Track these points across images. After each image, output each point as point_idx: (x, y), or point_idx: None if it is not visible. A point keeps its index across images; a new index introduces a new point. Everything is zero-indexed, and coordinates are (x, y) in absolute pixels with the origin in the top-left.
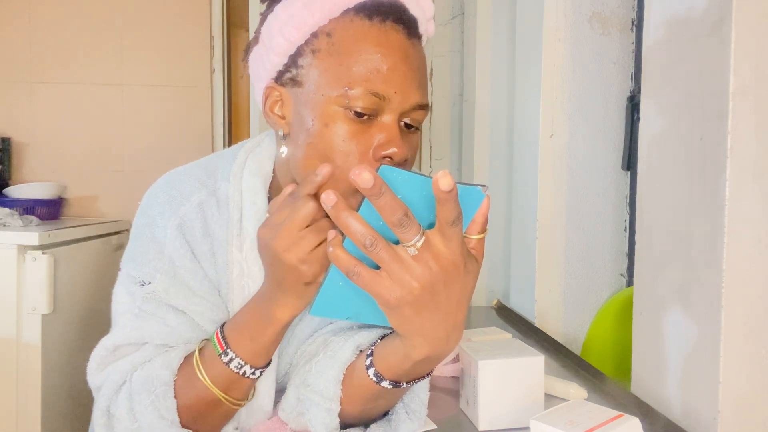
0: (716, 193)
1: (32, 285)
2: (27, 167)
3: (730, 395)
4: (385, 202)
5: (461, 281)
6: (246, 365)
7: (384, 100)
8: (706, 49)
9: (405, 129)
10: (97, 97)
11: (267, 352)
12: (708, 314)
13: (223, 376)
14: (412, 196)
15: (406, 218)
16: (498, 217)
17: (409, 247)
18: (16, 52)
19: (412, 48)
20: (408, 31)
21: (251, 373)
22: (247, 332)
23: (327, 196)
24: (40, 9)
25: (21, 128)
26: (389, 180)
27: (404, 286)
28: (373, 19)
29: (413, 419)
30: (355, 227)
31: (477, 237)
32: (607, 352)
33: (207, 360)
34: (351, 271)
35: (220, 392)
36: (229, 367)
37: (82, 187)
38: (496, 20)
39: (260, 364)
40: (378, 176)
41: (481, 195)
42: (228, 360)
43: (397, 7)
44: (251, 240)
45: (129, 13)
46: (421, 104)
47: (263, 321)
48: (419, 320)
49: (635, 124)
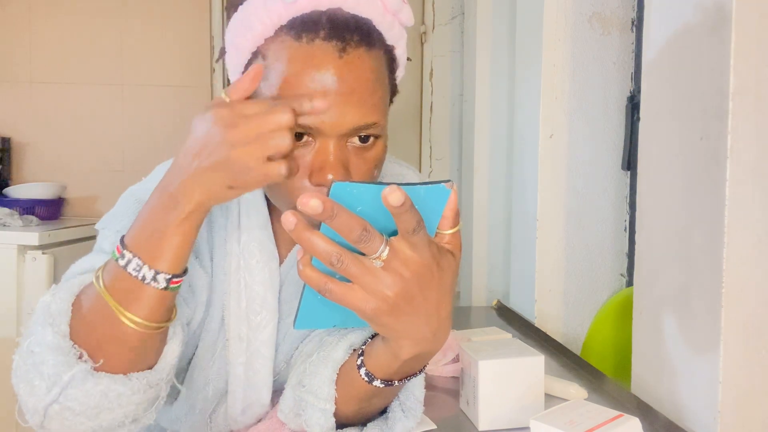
0: (716, 193)
1: (32, 285)
2: (27, 167)
3: (730, 395)
4: (340, 222)
5: (436, 280)
6: (144, 266)
7: (314, 128)
8: (706, 49)
9: (358, 144)
10: (97, 97)
11: (169, 251)
12: (708, 314)
13: (120, 284)
14: (371, 206)
15: (366, 233)
16: (498, 217)
17: (374, 259)
18: (16, 52)
19: (347, 66)
20: (343, 45)
21: (152, 279)
22: (148, 228)
23: (286, 218)
24: (40, 9)
25: (21, 128)
26: (344, 195)
27: (378, 297)
28: (302, 38)
29: (409, 417)
30: (320, 246)
31: (450, 232)
32: (607, 352)
33: (107, 269)
34: (322, 289)
35: (115, 302)
36: (126, 271)
37: (82, 187)
38: (496, 20)
39: (162, 266)
40: (327, 200)
41: (447, 191)
42: (125, 263)
43: (332, 19)
44: (249, 233)
45: (129, 13)
46: (360, 126)
47: (164, 209)
48: (401, 325)
49: (635, 124)
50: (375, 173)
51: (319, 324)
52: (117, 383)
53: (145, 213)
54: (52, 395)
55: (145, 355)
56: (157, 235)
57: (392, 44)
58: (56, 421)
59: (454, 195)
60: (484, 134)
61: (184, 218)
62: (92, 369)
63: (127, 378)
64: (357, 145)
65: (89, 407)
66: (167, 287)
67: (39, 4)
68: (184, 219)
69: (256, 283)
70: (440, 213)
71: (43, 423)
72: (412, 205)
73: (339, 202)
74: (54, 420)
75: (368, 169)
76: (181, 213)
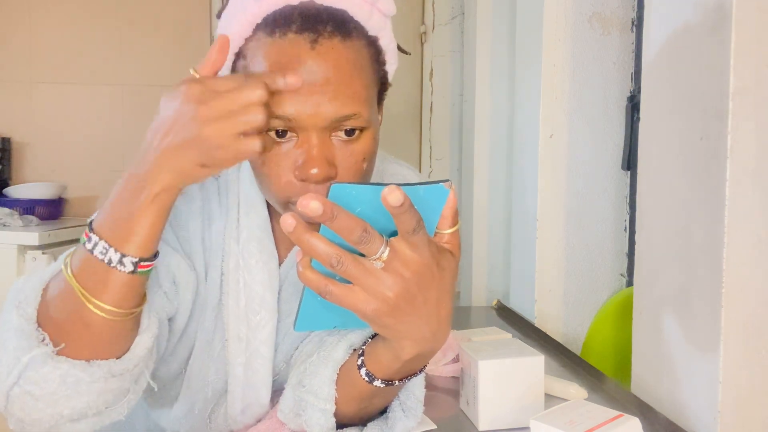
0: (716, 193)
1: None
2: (27, 167)
3: (730, 395)
4: (340, 224)
5: (436, 280)
6: (110, 249)
7: (292, 121)
8: (706, 49)
9: (343, 137)
10: (97, 97)
11: (136, 234)
12: (708, 314)
13: (87, 269)
14: (370, 207)
15: (366, 234)
16: (498, 217)
17: (375, 260)
18: (16, 52)
19: (320, 56)
20: (315, 36)
21: (118, 262)
22: (115, 210)
23: (285, 220)
24: (40, 9)
25: (21, 128)
26: (343, 197)
27: (379, 297)
28: (275, 34)
29: (409, 416)
30: (320, 248)
31: (449, 231)
32: (607, 352)
33: (75, 254)
34: (322, 291)
35: (81, 287)
36: (93, 255)
37: (82, 187)
38: (496, 20)
39: (129, 249)
40: (327, 201)
41: (445, 191)
42: (92, 246)
43: (303, 12)
44: (248, 232)
45: (129, 13)
46: (338, 117)
47: (132, 191)
48: (401, 326)
49: (635, 124)
50: (364, 167)
51: (319, 326)
52: (76, 368)
53: (113, 196)
54: (12, 378)
55: (111, 343)
56: (124, 217)
57: (375, 35)
58: (17, 406)
59: (452, 195)
60: (484, 134)
61: (152, 200)
62: (54, 353)
63: (89, 364)
64: (342, 138)
65: (47, 392)
66: (134, 271)
67: (39, 4)
68: (152, 201)
69: (255, 283)
70: (439, 213)
71: (7, 407)
72: (412, 205)
73: (338, 203)
74: (15, 404)
75: (355, 163)
76: (149, 194)
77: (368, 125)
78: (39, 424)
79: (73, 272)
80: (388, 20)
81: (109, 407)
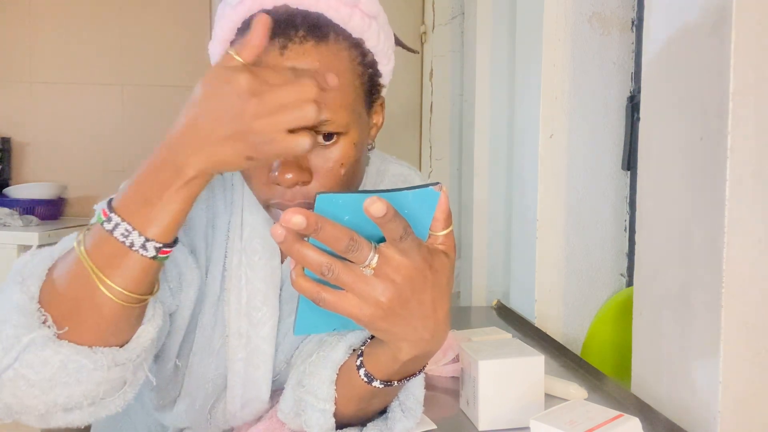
0: (716, 193)
1: None
2: (27, 167)
3: (730, 395)
4: (326, 235)
5: (430, 283)
6: (134, 232)
7: None
8: (706, 49)
9: (321, 142)
10: (97, 97)
11: (163, 218)
12: (708, 314)
13: (104, 249)
14: (357, 215)
15: (353, 242)
16: (498, 218)
17: (364, 267)
18: (16, 52)
19: (288, 62)
20: (285, 41)
21: (140, 246)
22: (141, 192)
23: (275, 231)
24: (40, 9)
25: (21, 128)
26: (330, 206)
27: (372, 303)
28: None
29: (409, 417)
30: (310, 257)
31: (443, 233)
32: (607, 352)
33: (90, 233)
34: (316, 298)
35: (96, 267)
36: (113, 236)
37: (82, 187)
38: (496, 20)
39: (153, 233)
40: (310, 214)
41: (436, 194)
42: (112, 227)
43: (275, 17)
44: (252, 230)
45: (129, 13)
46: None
47: (162, 174)
48: (397, 329)
49: (635, 124)
50: (342, 172)
51: (318, 329)
52: (79, 354)
53: (140, 177)
54: (8, 359)
55: (117, 330)
56: (151, 200)
57: (358, 36)
58: (8, 390)
59: (444, 197)
60: (484, 134)
61: (184, 185)
62: (55, 336)
63: (92, 351)
64: (319, 143)
65: (45, 378)
66: (156, 257)
67: (39, 4)
68: (184, 185)
69: (257, 280)
70: (431, 215)
71: None
72: (396, 213)
73: (325, 213)
74: (6, 388)
75: (331, 169)
76: (183, 179)
77: (346, 130)
78: (30, 412)
79: (87, 251)
80: (372, 21)
81: (104, 398)
